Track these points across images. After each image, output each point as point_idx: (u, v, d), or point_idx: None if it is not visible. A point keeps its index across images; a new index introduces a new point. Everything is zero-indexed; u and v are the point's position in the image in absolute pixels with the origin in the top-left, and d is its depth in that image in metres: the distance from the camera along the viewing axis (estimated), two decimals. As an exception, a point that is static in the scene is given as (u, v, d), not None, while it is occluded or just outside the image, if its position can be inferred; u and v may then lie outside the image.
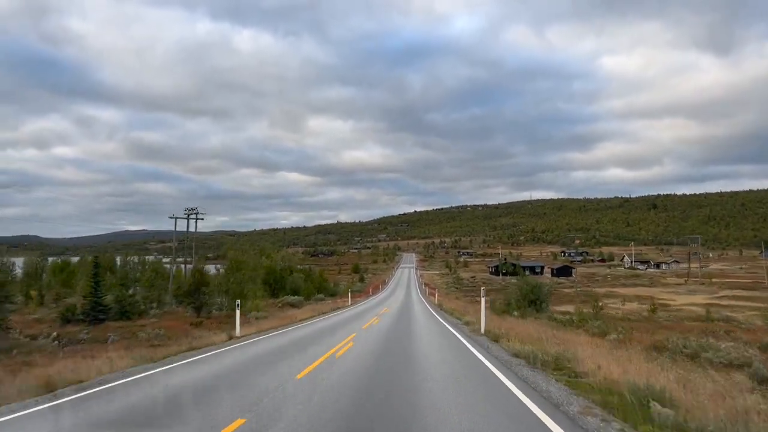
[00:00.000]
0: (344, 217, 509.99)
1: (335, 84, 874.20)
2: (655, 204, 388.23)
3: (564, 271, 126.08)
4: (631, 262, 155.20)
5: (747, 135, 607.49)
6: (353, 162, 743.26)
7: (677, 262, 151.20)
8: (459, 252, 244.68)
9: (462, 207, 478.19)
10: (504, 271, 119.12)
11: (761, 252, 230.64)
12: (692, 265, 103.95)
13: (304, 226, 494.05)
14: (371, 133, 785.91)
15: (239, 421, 7.05)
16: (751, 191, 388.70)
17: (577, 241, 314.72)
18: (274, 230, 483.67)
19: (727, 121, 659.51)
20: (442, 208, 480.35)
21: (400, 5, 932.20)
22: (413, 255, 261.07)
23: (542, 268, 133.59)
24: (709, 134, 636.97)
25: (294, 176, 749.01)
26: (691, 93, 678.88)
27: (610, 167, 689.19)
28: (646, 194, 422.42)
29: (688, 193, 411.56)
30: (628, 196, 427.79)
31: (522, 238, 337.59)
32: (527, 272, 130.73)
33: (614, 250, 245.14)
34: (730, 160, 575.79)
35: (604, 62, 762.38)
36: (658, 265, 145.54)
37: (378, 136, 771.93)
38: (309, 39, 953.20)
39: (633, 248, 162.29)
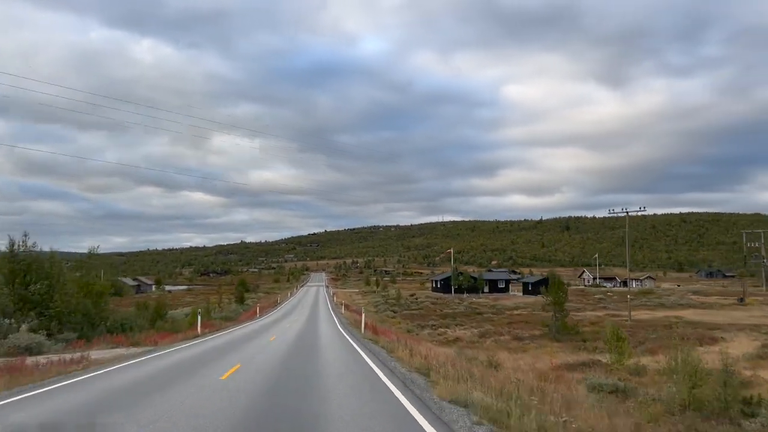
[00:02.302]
0: (251, 239, 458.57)
1: (241, 101, 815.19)
2: (567, 225, 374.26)
3: (543, 287, 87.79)
4: (595, 278, 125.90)
5: (637, 166, 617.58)
6: (260, 182, 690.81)
7: (651, 278, 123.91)
8: (375, 271, 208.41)
9: (374, 227, 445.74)
10: (457, 287, 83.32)
11: (698, 272, 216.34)
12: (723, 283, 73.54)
13: (204, 246, 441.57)
14: (279, 153, 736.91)
15: None
16: (656, 215, 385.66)
17: (494, 262, 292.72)
18: (171, 250, 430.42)
19: (620, 152, 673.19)
20: (353, 228, 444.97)
21: (308, 23, 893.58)
22: (323, 274, 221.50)
23: (507, 282, 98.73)
24: (604, 164, 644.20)
25: (198, 196, 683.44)
26: (587, 124, 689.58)
27: (511, 194, 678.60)
28: (558, 216, 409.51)
29: (598, 216, 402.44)
30: (540, 218, 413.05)
31: (437, 258, 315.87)
32: (486, 288, 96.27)
33: (535, 270, 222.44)
34: (622, 190, 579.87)
35: (508, 91, 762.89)
36: (625, 283, 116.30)
37: (287, 156, 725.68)
38: (212, 52, 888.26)
39: (597, 266, 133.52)
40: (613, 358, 19.19)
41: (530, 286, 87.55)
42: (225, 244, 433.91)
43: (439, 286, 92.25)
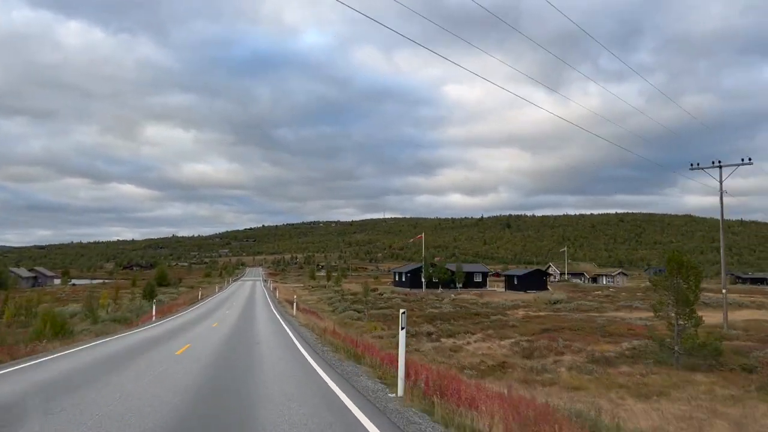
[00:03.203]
0: (184, 233, 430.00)
1: (175, 90, 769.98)
2: (508, 224, 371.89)
3: (533, 281, 74.69)
4: (562, 274, 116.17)
5: (570, 168, 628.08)
6: (195, 176, 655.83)
7: (624, 274, 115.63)
8: (319, 267, 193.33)
9: (314, 223, 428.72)
10: (428, 280, 69.93)
11: (645, 270, 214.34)
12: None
13: (133, 240, 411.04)
14: (215, 146, 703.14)
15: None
16: (593, 215, 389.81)
17: (437, 258, 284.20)
18: (97, 243, 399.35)
19: (555, 154, 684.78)
20: (293, 224, 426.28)
21: (248, 12, 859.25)
22: (260, 269, 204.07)
23: (485, 275, 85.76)
24: (540, 166, 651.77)
25: (128, 188, 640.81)
26: (525, 126, 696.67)
27: (450, 193, 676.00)
28: (499, 214, 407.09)
29: (538, 214, 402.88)
30: (481, 216, 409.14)
31: (380, 254, 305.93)
32: (460, 282, 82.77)
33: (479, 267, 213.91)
34: (556, 191, 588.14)
35: (449, 90, 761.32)
36: (595, 279, 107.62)
37: (223, 149, 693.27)
38: (146, 39, 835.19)
39: (566, 261, 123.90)
40: None
41: (516, 279, 75.15)
42: (156, 238, 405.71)
43: (404, 279, 77.84)
